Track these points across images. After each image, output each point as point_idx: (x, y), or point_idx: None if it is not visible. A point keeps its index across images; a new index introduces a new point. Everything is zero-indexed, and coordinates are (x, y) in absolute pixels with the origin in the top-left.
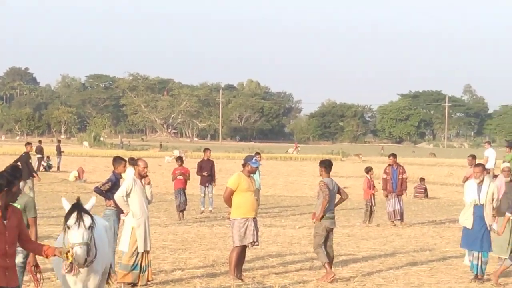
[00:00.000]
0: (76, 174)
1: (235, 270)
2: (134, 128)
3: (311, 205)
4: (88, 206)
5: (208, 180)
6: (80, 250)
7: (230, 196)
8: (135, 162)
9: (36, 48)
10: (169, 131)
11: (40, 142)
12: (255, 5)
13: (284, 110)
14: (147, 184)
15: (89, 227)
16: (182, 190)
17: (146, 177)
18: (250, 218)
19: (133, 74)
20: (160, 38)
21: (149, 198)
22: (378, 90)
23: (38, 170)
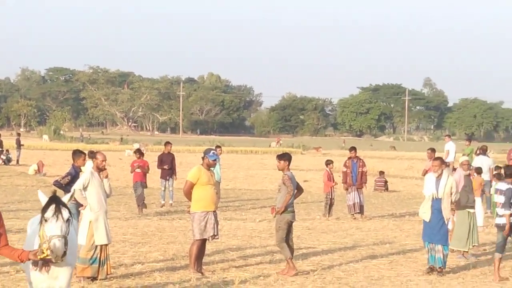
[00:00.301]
0: (36, 168)
1: (195, 264)
2: (94, 121)
3: (271, 198)
4: (65, 199)
5: (169, 173)
6: (58, 243)
7: (190, 190)
8: (94, 156)
9: None
10: (129, 124)
11: None
12: None
13: (244, 104)
14: (105, 178)
15: (67, 220)
16: (140, 183)
17: (105, 170)
18: (210, 211)
19: (93, 67)
20: (120, 31)
21: (107, 192)
22: (339, 83)
23: None
